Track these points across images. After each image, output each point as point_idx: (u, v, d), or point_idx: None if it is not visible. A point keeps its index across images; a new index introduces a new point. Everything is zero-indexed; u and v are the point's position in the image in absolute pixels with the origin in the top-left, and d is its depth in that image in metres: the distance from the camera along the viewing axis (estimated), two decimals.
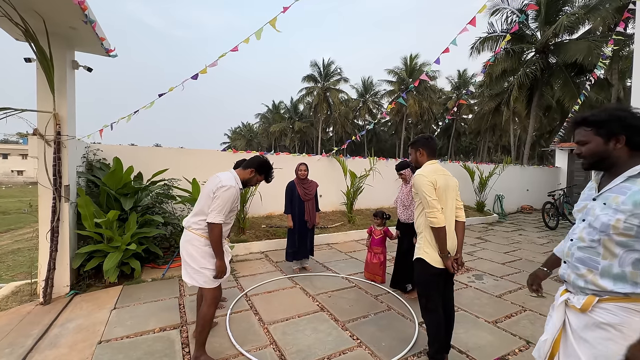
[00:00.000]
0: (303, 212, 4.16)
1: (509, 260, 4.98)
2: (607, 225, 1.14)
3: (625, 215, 1.10)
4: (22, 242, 6.96)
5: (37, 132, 3.20)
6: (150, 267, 4.19)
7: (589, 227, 1.22)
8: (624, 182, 1.15)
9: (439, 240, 2.06)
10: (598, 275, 1.17)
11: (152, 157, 5.20)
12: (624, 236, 1.11)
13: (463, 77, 35.11)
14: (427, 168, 2.20)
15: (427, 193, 2.07)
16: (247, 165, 2.42)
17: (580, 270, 1.23)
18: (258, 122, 54.83)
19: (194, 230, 2.25)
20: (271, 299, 3.35)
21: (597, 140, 1.23)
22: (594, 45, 12.59)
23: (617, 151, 1.20)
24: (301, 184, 4.18)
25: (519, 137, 28.90)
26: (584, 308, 1.19)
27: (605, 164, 1.24)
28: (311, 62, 38.33)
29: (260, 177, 2.45)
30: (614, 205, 1.14)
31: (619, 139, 1.18)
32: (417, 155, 2.31)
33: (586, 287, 1.20)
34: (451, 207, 2.21)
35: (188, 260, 2.24)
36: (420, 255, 2.15)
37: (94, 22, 3.04)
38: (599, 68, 7.53)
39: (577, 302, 1.22)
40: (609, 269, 1.15)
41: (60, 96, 3.27)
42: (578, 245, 1.25)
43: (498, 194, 9.63)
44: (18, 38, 3.25)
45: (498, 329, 2.81)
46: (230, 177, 2.28)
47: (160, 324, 2.78)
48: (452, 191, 2.23)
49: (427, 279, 2.15)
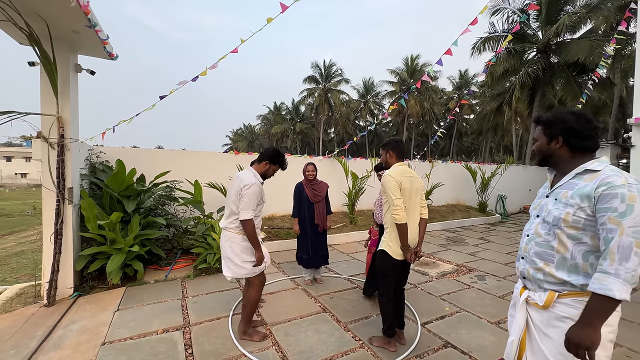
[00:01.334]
0: (313, 215, 3.82)
1: (512, 261, 4.96)
2: (558, 219, 1.21)
3: (573, 209, 1.17)
4: (26, 245, 7.00)
5: (41, 135, 3.23)
6: (152, 269, 4.21)
7: (543, 222, 1.29)
8: (572, 179, 1.24)
9: (401, 235, 2.27)
10: (554, 267, 1.23)
11: (154, 159, 5.23)
12: (573, 229, 1.18)
13: (464, 77, 35.04)
14: (395, 169, 2.38)
15: (392, 192, 2.28)
16: (261, 158, 2.61)
17: (538, 264, 1.28)
18: (259, 123, 54.98)
19: (231, 230, 2.50)
20: (273, 300, 3.36)
21: (543, 139, 1.34)
22: (596, 44, 12.54)
23: (557, 151, 1.30)
24: (310, 185, 3.88)
25: (521, 137, 28.82)
26: (546, 304, 1.23)
27: (550, 161, 1.35)
28: (312, 63, 38.44)
29: (275, 166, 2.65)
30: (564, 200, 1.22)
31: (558, 139, 1.28)
32: (387, 157, 2.51)
33: (545, 280, 1.26)
34: (415, 206, 2.42)
35: (231, 256, 2.49)
36: (383, 248, 2.39)
37: (97, 25, 3.07)
38: (601, 67, 7.50)
39: (538, 299, 1.27)
40: (563, 262, 1.21)
41: (63, 99, 3.30)
42: (535, 241, 1.31)
43: (500, 194, 9.59)
44: (22, 42, 3.29)
45: (501, 330, 2.80)
46: (250, 175, 2.48)
47: (163, 325, 2.79)
48: (417, 192, 2.44)
49: (387, 268, 2.40)
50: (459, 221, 7.92)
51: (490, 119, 21.92)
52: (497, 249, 5.69)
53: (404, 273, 2.55)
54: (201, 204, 4.76)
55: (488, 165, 9.87)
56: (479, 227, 7.86)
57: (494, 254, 5.38)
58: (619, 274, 1.03)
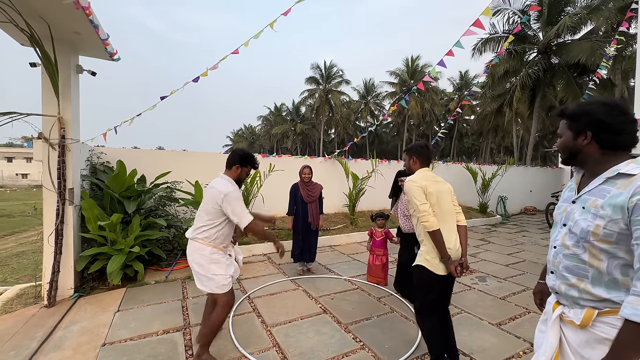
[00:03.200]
0: (307, 214, 4.18)
1: (513, 262, 4.95)
2: (586, 232, 1.05)
3: (604, 221, 1.00)
4: (26, 245, 7.01)
5: (42, 136, 3.24)
6: (153, 270, 4.21)
7: (570, 233, 1.12)
8: (603, 184, 1.06)
9: (437, 243, 2.02)
10: (589, 283, 1.06)
11: (155, 160, 5.23)
12: (605, 243, 1.02)
13: (465, 78, 35.06)
14: (418, 175, 2.22)
15: (416, 197, 2.08)
16: (230, 164, 2.42)
17: (570, 280, 1.11)
18: (260, 124, 55.05)
19: (199, 240, 2.30)
20: (274, 301, 3.35)
21: (568, 134, 1.17)
22: (597, 45, 12.53)
23: (586, 148, 1.12)
24: (305, 186, 4.22)
25: (522, 138, 28.80)
26: (583, 323, 1.06)
27: (577, 160, 1.18)
28: (312, 64, 38.48)
29: (247, 168, 2.48)
30: (593, 210, 1.05)
31: (587, 135, 1.10)
32: (410, 163, 2.34)
33: (580, 297, 1.09)
34: (449, 212, 2.19)
35: (197, 269, 2.29)
36: (420, 263, 2.13)
37: (98, 26, 3.08)
38: (602, 68, 7.50)
39: (574, 317, 1.10)
40: (599, 277, 1.05)
41: (64, 100, 3.31)
42: (563, 253, 1.15)
43: (501, 195, 9.58)
44: (23, 43, 3.30)
45: (502, 331, 2.79)
46: (225, 183, 2.29)
47: (164, 326, 2.79)
48: (447, 195, 2.23)
49: (426, 285, 2.12)
50: None
51: (490, 120, 21.90)
52: (498, 250, 5.67)
53: (447, 290, 2.23)
54: None
55: (489, 166, 9.86)
56: (480, 228, 7.85)
57: (495, 255, 5.37)
58: None
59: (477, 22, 4.66)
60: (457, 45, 5.14)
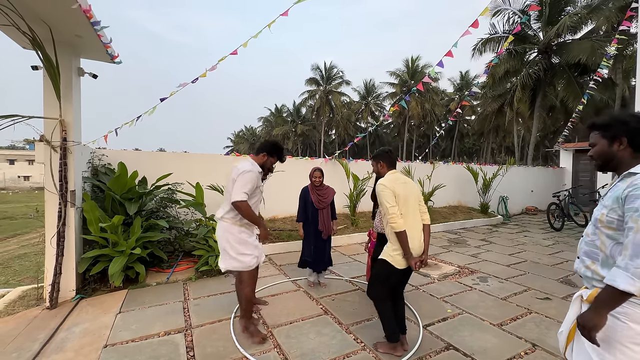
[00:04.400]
0: (317, 221, 3.75)
1: (514, 262, 4.94)
2: (596, 219, 1.31)
3: (607, 210, 1.25)
4: (28, 247, 7.03)
5: (44, 139, 3.25)
6: (154, 271, 4.21)
7: (591, 224, 1.36)
8: (618, 182, 1.29)
9: (402, 243, 2.25)
10: (599, 265, 1.28)
11: (156, 162, 5.25)
12: (608, 229, 1.25)
13: (465, 79, 35.06)
14: (388, 177, 2.41)
15: (387, 200, 2.27)
16: (259, 150, 2.64)
17: (586, 262, 1.34)
18: (261, 125, 55.08)
19: (226, 220, 2.47)
20: (275, 303, 3.36)
21: (602, 142, 1.35)
22: (598, 45, 12.52)
23: (620, 152, 1.31)
24: (315, 191, 3.80)
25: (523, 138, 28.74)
26: (589, 299, 1.27)
27: (611, 165, 1.36)
28: (313, 65, 38.50)
29: (273, 159, 2.66)
30: (603, 201, 1.31)
31: (622, 140, 1.29)
32: (378, 167, 2.54)
33: (592, 278, 1.31)
34: (414, 212, 2.39)
35: (226, 248, 2.46)
36: (384, 257, 2.37)
37: (100, 28, 3.09)
38: (603, 67, 7.49)
39: (585, 294, 1.31)
40: (606, 260, 1.26)
41: (66, 102, 3.33)
42: (585, 240, 1.38)
43: (502, 196, 9.56)
44: (25, 46, 3.32)
45: (503, 332, 2.79)
46: (246, 163, 2.49)
47: (165, 327, 2.80)
48: (414, 197, 2.43)
49: (386, 276, 2.37)
50: (461, 222, 7.90)
51: (491, 120, 21.88)
52: (499, 251, 5.66)
53: (405, 279, 2.52)
54: (202, 206, 4.77)
55: (490, 167, 9.84)
56: (481, 229, 7.83)
57: (496, 255, 5.36)
58: (628, 268, 1.11)
59: (475, 22, 4.66)
60: (455, 46, 5.15)
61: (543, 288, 3.81)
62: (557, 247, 6.03)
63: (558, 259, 5.14)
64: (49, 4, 2.65)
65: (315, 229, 3.75)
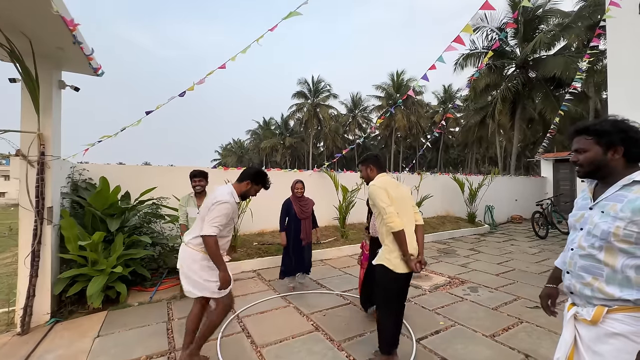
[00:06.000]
0: (299, 230, 4.03)
1: (503, 271, 4.98)
2: (607, 233, 1.16)
3: (624, 223, 1.13)
4: (0, 268, 6.62)
5: (20, 153, 3.12)
6: (137, 290, 4.02)
7: (588, 235, 1.24)
8: (619, 191, 1.20)
9: (401, 244, 2.17)
10: (604, 282, 1.18)
11: (140, 176, 5.10)
12: (624, 243, 1.13)
13: (448, 92, 36.24)
14: (379, 179, 2.38)
15: (382, 200, 2.22)
16: (242, 178, 2.46)
17: (586, 278, 1.23)
18: (249, 138, 55.00)
19: (192, 246, 2.29)
20: (264, 320, 3.24)
21: (596, 149, 1.25)
22: (570, 60, 13.26)
23: (613, 162, 1.23)
24: (298, 202, 4.09)
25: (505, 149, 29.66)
26: (594, 320, 1.17)
27: (600, 173, 1.28)
28: (300, 79, 39.12)
29: (257, 187, 2.50)
30: (612, 213, 1.17)
31: (617, 150, 1.21)
32: (368, 172, 2.49)
33: (593, 296, 1.20)
34: (408, 213, 2.36)
35: (190, 274, 2.27)
36: (382, 262, 2.26)
37: (82, 43, 3.03)
38: (577, 81, 7.88)
39: (586, 314, 1.21)
40: (613, 275, 1.16)
41: (45, 116, 3.21)
42: (579, 254, 1.26)
43: (488, 205, 9.75)
44: (2, 59, 3.21)
45: (496, 343, 2.76)
46: (226, 192, 2.31)
47: (147, 351, 2.64)
48: (407, 198, 2.41)
49: (388, 284, 2.26)
50: (450, 232, 7.97)
51: (474, 132, 22.58)
52: (487, 260, 5.71)
53: (406, 286, 2.40)
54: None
55: (475, 177, 10.05)
56: (469, 238, 7.92)
57: (485, 264, 5.40)
58: None
59: (458, 39, 4.84)
60: (439, 60, 5.31)
61: (532, 296, 3.84)
62: (543, 254, 6.13)
63: (545, 267, 5.22)
64: (29, 15, 2.59)
65: (296, 237, 4.02)
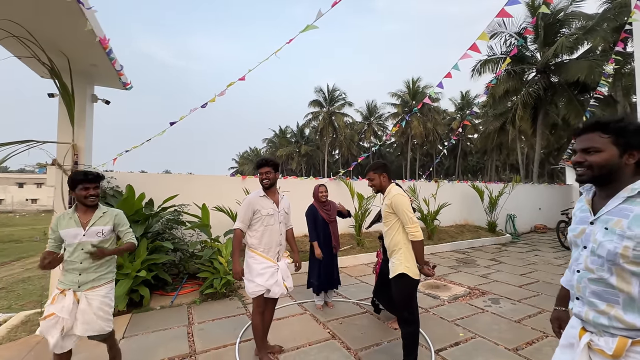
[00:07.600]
0: (329, 236, 3.77)
1: (526, 283, 4.79)
2: (614, 254, 1.00)
3: (633, 242, 0.97)
4: (32, 271, 7.01)
5: (56, 162, 3.34)
6: (158, 295, 4.16)
7: (593, 256, 1.07)
8: (623, 204, 1.03)
9: (419, 252, 2.25)
10: (621, 310, 1.01)
11: (162, 184, 5.31)
12: (636, 265, 0.97)
13: (466, 98, 35.62)
14: (398, 189, 2.40)
15: (409, 209, 2.28)
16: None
17: (599, 306, 1.06)
18: (265, 146, 55.79)
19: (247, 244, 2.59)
20: (281, 327, 3.27)
21: (612, 150, 1.06)
22: (595, 64, 12.75)
23: (626, 167, 1.06)
24: (322, 207, 3.85)
25: (527, 155, 28.69)
26: (616, 354, 0.99)
27: (608, 178, 1.09)
28: (316, 88, 39.57)
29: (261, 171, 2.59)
30: (618, 231, 1.00)
31: (634, 154, 1.04)
32: (381, 180, 2.47)
33: (611, 326, 1.03)
34: None
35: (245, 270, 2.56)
36: (402, 271, 2.26)
37: (115, 58, 3.25)
38: (602, 85, 7.59)
39: (605, 346, 1.03)
40: (631, 302, 0.99)
41: (79, 128, 3.45)
42: (588, 277, 1.09)
43: (509, 214, 9.43)
44: (43, 76, 3.49)
45: (520, 357, 2.67)
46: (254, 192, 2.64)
47: (169, 353, 2.72)
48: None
49: (410, 292, 2.31)
50: (469, 242, 7.76)
51: (494, 138, 21.98)
52: (509, 271, 5.51)
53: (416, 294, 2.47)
54: (208, 228, 4.77)
55: (495, 184, 9.78)
56: (489, 248, 7.67)
57: (507, 275, 5.22)
58: None
59: (474, 46, 4.81)
60: (455, 68, 5.28)
61: None
62: None
63: None
64: (68, 36, 2.82)
65: (327, 245, 3.75)
